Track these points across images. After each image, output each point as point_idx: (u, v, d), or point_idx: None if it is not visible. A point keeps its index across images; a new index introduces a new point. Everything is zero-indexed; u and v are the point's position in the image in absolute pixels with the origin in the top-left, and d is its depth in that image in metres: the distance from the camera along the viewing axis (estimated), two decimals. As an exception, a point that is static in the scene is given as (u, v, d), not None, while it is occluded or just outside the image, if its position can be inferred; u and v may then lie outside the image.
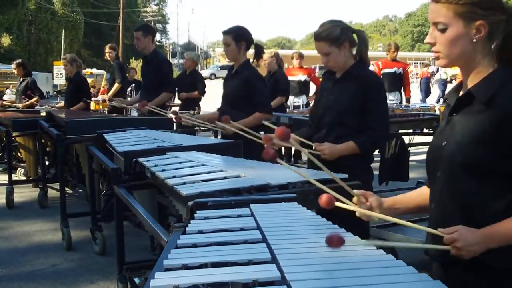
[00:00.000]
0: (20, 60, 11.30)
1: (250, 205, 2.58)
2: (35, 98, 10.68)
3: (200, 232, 2.21)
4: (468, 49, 1.99)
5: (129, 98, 11.59)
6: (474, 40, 1.97)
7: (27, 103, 10.57)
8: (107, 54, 11.18)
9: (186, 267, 1.82)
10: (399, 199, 2.37)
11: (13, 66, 11.18)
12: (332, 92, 4.01)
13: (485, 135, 1.92)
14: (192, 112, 9.79)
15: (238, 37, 5.09)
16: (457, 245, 1.86)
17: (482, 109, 1.96)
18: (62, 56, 45.84)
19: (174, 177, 3.28)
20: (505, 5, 2.01)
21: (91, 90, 13.94)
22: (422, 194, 2.34)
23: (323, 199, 2.01)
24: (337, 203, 2.01)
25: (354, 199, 2.29)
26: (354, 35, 3.94)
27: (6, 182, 8.00)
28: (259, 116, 4.96)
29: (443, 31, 2.00)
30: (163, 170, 3.50)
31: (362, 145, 3.83)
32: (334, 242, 1.79)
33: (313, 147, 3.82)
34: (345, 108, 3.89)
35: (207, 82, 11.97)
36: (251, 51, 5.27)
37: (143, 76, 7.75)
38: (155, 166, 3.66)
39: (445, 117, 2.13)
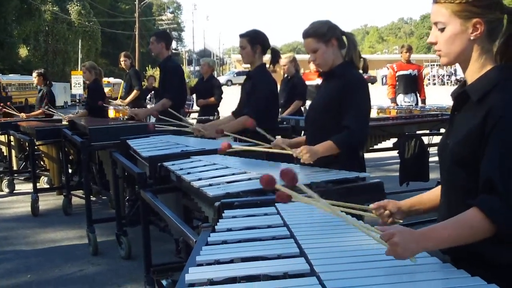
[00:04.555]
0: (42, 70, 11.39)
1: (276, 204, 2.66)
2: (38, 111, 10.69)
3: (229, 230, 2.29)
4: (467, 47, 2.04)
5: (148, 106, 11.66)
6: (472, 38, 2.02)
7: (31, 114, 10.68)
8: (122, 63, 11.11)
9: (218, 262, 1.90)
10: (417, 200, 2.40)
11: (34, 74, 11.21)
12: (318, 92, 4.05)
13: (474, 133, 1.94)
14: (211, 118, 9.94)
15: (253, 40, 5.07)
16: (395, 239, 1.74)
17: (475, 108, 1.99)
18: (80, 66, 46.23)
19: (199, 179, 3.35)
20: (503, 4, 2.05)
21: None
22: (437, 194, 2.37)
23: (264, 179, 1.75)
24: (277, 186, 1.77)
25: (374, 212, 2.31)
26: (344, 38, 3.90)
27: (31, 190, 8.16)
28: (244, 121, 4.80)
29: (442, 30, 2.06)
30: (188, 173, 3.57)
31: (339, 143, 3.65)
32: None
33: (294, 154, 3.65)
34: (323, 106, 3.87)
35: (224, 88, 12.08)
36: (268, 56, 5.23)
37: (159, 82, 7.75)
38: (181, 169, 3.74)
39: (450, 115, 2.18)
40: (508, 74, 2.01)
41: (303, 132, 7.46)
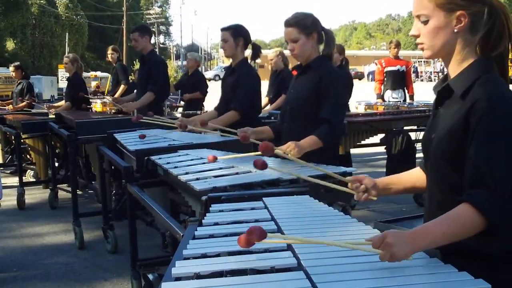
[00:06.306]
0: (18, 63, 11.28)
1: (263, 198, 2.65)
2: (24, 103, 10.57)
3: (216, 224, 2.28)
4: (450, 40, 2.03)
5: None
6: (456, 30, 2.01)
7: (18, 106, 10.56)
8: (109, 56, 10.97)
9: (205, 256, 1.89)
10: (392, 180, 2.41)
11: (11, 68, 11.11)
12: (294, 85, 4.06)
13: (459, 127, 1.93)
14: (199, 112, 9.91)
15: (236, 33, 5.07)
16: (388, 240, 1.71)
17: (459, 102, 1.98)
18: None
19: (187, 173, 3.34)
20: None
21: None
22: (414, 175, 2.39)
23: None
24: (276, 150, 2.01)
25: (349, 185, 2.36)
26: (323, 34, 3.97)
27: (17, 184, 8.11)
28: (231, 115, 4.94)
29: (425, 22, 2.05)
30: (175, 167, 3.57)
31: (323, 138, 3.71)
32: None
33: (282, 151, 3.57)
34: (301, 99, 3.91)
35: (211, 83, 12.08)
36: (249, 51, 5.26)
37: (138, 74, 7.68)
38: (168, 163, 3.73)
39: (433, 110, 2.17)
40: (489, 67, 2.01)
41: None
